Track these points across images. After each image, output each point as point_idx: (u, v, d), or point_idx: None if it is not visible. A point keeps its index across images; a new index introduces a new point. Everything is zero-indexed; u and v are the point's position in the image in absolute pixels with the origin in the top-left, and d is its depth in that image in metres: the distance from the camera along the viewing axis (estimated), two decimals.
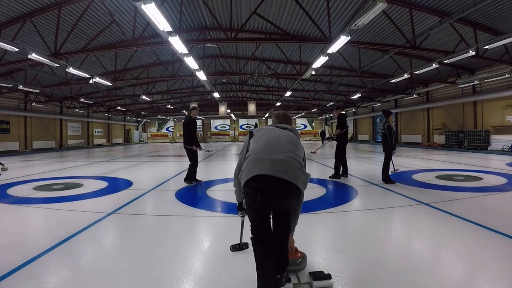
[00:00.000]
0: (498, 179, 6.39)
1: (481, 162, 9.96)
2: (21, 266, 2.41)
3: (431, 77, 16.97)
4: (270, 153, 1.94)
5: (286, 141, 2.07)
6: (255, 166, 1.91)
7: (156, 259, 2.58)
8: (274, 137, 2.10)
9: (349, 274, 2.27)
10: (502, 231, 3.06)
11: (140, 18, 9.49)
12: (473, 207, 4.14)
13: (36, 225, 3.77)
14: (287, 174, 1.85)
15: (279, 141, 2.05)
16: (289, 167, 1.88)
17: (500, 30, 10.01)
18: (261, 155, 1.95)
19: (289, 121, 2.47)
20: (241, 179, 2.00)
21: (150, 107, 30.02)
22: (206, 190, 5.72)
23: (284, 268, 1.93)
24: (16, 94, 18.86)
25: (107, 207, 4.39)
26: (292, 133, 2.21)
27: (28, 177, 7.72)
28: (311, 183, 6.43)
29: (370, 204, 4.54)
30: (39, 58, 8.68)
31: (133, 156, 15.49)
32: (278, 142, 2.04)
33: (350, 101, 25.54)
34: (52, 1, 8.79)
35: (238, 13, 10.52)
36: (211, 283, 2.18)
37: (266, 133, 2.15)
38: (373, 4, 5.63)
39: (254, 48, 14.12)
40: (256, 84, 22.58)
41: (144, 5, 5.43)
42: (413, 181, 6.32)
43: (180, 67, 16.12)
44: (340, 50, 10.23)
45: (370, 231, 3.31)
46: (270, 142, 2.04)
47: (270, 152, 1.95)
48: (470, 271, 2.33)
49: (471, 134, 16.00)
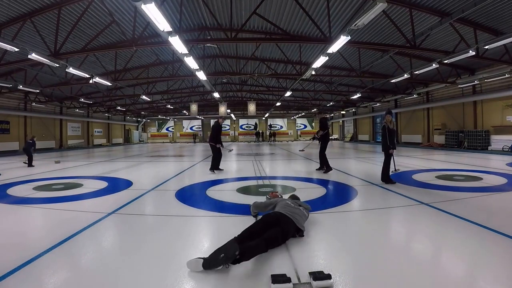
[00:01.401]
0: (498, 179, 6.39)
1: (481, 162, 9.96)
2: (21, 266, 2.41)
3: (431, 77, 16.97)
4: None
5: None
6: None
7: (156, 259, 2.58)
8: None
9: (349, 274, 2.27)
10: (502, 231, 3.06)
11: (140, 18, 9.49)
12: (473, 207, 4.14)
13: (36, 225, 3.77)
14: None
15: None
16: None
17: (500, 30, 10.01)
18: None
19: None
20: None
21: (150, 107, 30.02)
22: (206, 190, 5.72)
23: (245, 254, 2.36)
24: (16, 94, 18.87)
25: (107, 207, 4.39)
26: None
27: (28, 177, 7.72)
28: (311, 183, 6.44)
29: (370, 204, 4.54)
30: (39, 58, 8.67)
31: (133, 156, 15.50)
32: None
33: (350, 101, 25.55)
34: (52, 1, 8.79)
35: (238, 13, 10.52)
36: (211, 283, 2.18)
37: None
38: (373, 4, 5.63)
39: (254, 48, 14.12)
40: (256, 84, 22.58)
41: (144, 5, 5.43)
42: (413, 181, 6.32)
43: (180, 67, 16.12)
44: (340, 50, 10.24)
45: (370, 231, 3.31)
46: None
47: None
48: (470, 271, 2.33)
49: (471, 134, 16.00)
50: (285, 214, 3.01)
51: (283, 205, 3.26)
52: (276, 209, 3.23)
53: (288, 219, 2.98)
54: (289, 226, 2.91)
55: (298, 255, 2.61)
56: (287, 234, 2.87)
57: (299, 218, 3.09)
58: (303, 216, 3.23)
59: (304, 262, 2.48)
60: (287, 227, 2.88)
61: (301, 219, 3.13)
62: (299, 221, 3.07)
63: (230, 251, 2.29)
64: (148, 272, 2.33)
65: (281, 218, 2.95)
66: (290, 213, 3.07)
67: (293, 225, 2.96)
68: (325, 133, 8.24)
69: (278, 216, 2.99)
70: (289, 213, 3.06)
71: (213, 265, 2.29)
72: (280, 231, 2.78)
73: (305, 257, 2.57)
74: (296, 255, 2.61)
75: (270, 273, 2.18)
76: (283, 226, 2.84)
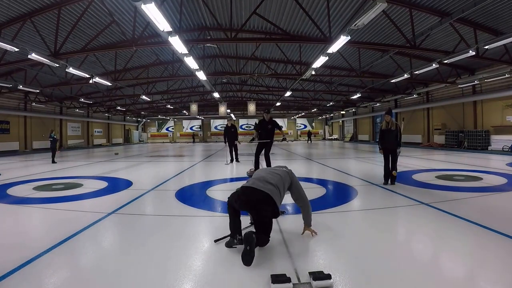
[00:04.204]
0: (498, 179, 6.39)
1: (481, 162, 9.96)
2: (21, 266, 2.41)
3: (431, 77, 16.97)
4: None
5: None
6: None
7: (156, 259, 2.58)
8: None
9: (349, 274, 2.27)
10: (502, 231, 3.06)
11: (140, 18, 9.49)
12: (473, 207, 4.14)
13: (36, 225, 3.77)
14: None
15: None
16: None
17: (500, 30, 10.00)
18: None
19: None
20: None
21: (150, 107, 30.02)
22: (206, 190, 5.72)
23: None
24: (16, 94, 18.87)
25: (107, 207, 4.39)
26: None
27: (28, 177, 7.72)
28: (311, 183, 6.44)
29: (370, 204, 4.54)
30: (39, 58, 8.67)
31: (133, 156, 15.49)
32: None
33: (350, 101, 25.57)
34: (52, 1, 8.79)
35: (238, 13, 10.52)
36: (211, 283, 2.18)
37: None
38: (373, 4, 5.63)
39: (254, 48, 14.12)
40: (256, 84, 22.58)
41: (144, 5, 5.43)
42: (413, 181, 6.32)
43: (180, 67, 16.12)
44: (340, 50, 10.24)
45: (370, 231, 3.31)
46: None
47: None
48: (471, 271, 2.33)
49: (471, 134, 15.99)
50: (250, 187, 2.77)
51: (253, 179, 2.94)
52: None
53: (254, 191, 2.72)
54: (264, 204, 2.68)
55: (298, 255, 2.61)
56: (267, 212, 2.67)
57: (271, 187, 2.77)
58: (278, 182, 2.88)
59: (304, 262, 2.48)
60: (263, 206, 2.67)
61: (275, 189, 2.79)
62: (273, 190, 2.75)
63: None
64: (148, 272, 2.33)
65: (250, 197, 2.72)
66: (257, 182, 2.80)
67: (266, 196, 2.69)
68: (259, 133, 8.06)
69: (246, 195, 2.74)
70: (256, 183, 2.80)
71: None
72: (256, 220, 2.69)
73: (305, 257, 2.57)
74: (296, 255, 2.60)
75: (270, 273, 2.18)
76: (258, 207, 2.67)
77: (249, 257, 2.36)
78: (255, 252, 2.47)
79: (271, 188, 2.76)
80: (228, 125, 10.93)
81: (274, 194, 2.72)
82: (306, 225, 3.08)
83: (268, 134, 7.97)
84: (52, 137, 11.78)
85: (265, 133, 7.99)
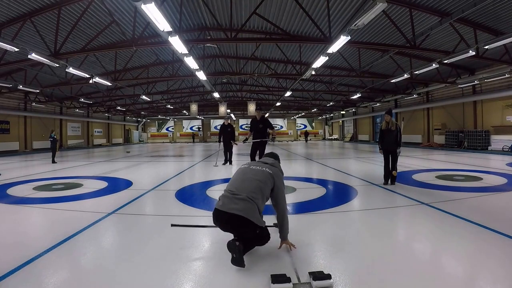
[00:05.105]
0: (498, 179, 6.39)
1: (481, 162, 9.96)
2: (21, 266, 2.41)
3: (431, 77, 16.97)
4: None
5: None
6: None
7: (156, 259, 2.58)
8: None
9: (349, 274, 2.27)
10: (502, 231, 3.06)
11: (140, 18, 9.49)
12: (473, 207, 4.14)
13: (36, 225, 3.77)
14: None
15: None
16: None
17: (500, 30, 10.00)
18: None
19: (276, 159, 3.01)
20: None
21: (150, 107, 30.02)
22: (206, 190, 5.72)
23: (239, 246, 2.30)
24: (16, 94, 18.86)
25: (107, 207, 4.39)
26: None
27: (28, 177, 7.72)
28: (311, 183, 6.44)
29: (370, 204, 4.54)
30: (39, 58, 8.67)
31: (133, 156, 15.49)
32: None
33: (350, 101, 25.58)
34: (52, 1, 8.79)
35: (238, 13, 10.52)
36: (211, 283, 2.18)
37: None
38: (373, 4, 5.63)
39: (254, 48, 14.12)
40: (256, 84, 22.59)
41: (144, 5, 5.42)
42: (413, 181, 6.32)
43: (180, 67, 16.12)
44: (340, 50, 10.24)
45: (370, 231, 3.31)
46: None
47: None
48: (471, 272, 2.33)
49: (471, 134, 15.99)
50: (221, 211, 2.41)
51: (226, 192, 2.56)
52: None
53: (226, 215, 2.37)
54: (242, 228, 2.39)
55: (298, 255, 2.60)
56: (247, 233, 2.42)
57: (243, 205, 2.37)
58: (254, 192, 2.44)
59: (304, 262, 2.48)
60: (242, 229, 2.40)
61: (249, 204, 2.38)
62: (246, 209, 2.36)
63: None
64: (148, 272, 2.33)
65: (225, 224, 2.45)
66: (227, 202, 2.42)
67: (241, 219, 2.34)
68: (251, 133, 8.03)
69: (220, 222, 2.47)
70: (226, 203, 2.42)
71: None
72: (242, 241, 2.37)
73: (305, 257, 2.57)
74: (296, 255, 2.60)
75: (270, 273, 2.18)
76: (238, 231, 2.43)
77: (239, 262, 2.28)
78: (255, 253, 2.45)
79: (244, 206, 2.36)
80: (225, 124, 10.28)
81: (248, 213, 2.35)
82: (282, 238, 2.64)
83: (260, 134, 7.72)
84: (52, 137, 11.79)
85: (257, 133, 7.78)
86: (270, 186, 2.57)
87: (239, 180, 2.60)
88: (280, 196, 2.62)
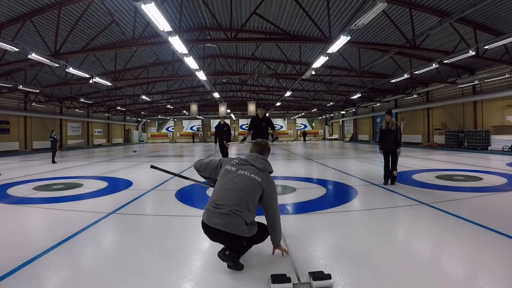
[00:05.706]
0: (498, 179, 6.39)
1: (481, 162, 9.96)
2: (21, 266, 2.41)
3: (431, 77, 16.96)
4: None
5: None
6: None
7: (156, 259, 2.59)
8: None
9: (349, 274, 2.27)
10: (502, 231, 3.06)
11: (140, 18, 9.48)
12: (473, 207, 4.14)
13: (36, 225, 3.77)
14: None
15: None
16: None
17: (500, 30, 10.00)
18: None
19: (265, 153, 2.74)
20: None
21: (150, 107, 30.02)
22: (206, 190, 5.72)
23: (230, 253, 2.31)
24: (16, 94, 18.86)
25: (107, 207, 4.39)
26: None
27: (28, 177, 7.72)
28: (311, 183, 6.44)
29: (370, 204, 4.54)
30: (39, 58, 8.67)
31: (133, 156, 15.49)
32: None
33: (350, 101, 25.57)
34: (52, 1, 8.78)
35: (238, 13, 10.51)
36: (211, 283, 2.18)
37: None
38: (373, 4, 5.63)
39: (254, 48, 14.11)
40: (256, 84, 22.58)
41: (144, 5, 5.42)
42: (413, 181, 6.32)
43: (180, 67, 16.11)
44: (340, 50, 10.23)
45: (370, 231, 3.31)
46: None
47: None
48: (470, 272, 2.33)
49: (471, 134, 15.99)
50: (207, 226, 2.33)
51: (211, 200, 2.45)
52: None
53: (212, 231, 2.31)
54: (228, 241, 2.33)
55: (298, 255, 2.61)
56: (236, 245, 2.37)
57: (228, 219, 2.26)
58: (239, 204, 2.30)
59: (304, 262, 2.48)
60: (228, 243, 2.35)
61: (234, 218, 2.26)
62: (231, 224, 2.26)
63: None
64: (148, 272, 2.33)
65: (213, 238, 2.40)
66: (212, 217, 2.31)
67: (228, 234, 2.26)
68: (251, 132, 7.44)
69: (209, 234, 2.40)
70: (211, 217, 2.31)
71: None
72: (233, 249, 2.34)
73: (305, 257, 2.57)
74: (296, 255, 2.60)
75: (270, 273, 2.18)
76: (225, 244, 2.37)
77: (235, 267, 2.30)
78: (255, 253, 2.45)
79: (227, 221, 2.25)
80: (221, 123, 9.67)
81: (233, 228, 2.25)
82: (274, 245, 2.54)
83: (261, 133, 7.08)
84: (52, 137, 11.80)
85: (258, 131, 7.14)
86: (259, 194, 2.41)
87: (224, 189, 2.42)
88: (270, 204, 2.45)
